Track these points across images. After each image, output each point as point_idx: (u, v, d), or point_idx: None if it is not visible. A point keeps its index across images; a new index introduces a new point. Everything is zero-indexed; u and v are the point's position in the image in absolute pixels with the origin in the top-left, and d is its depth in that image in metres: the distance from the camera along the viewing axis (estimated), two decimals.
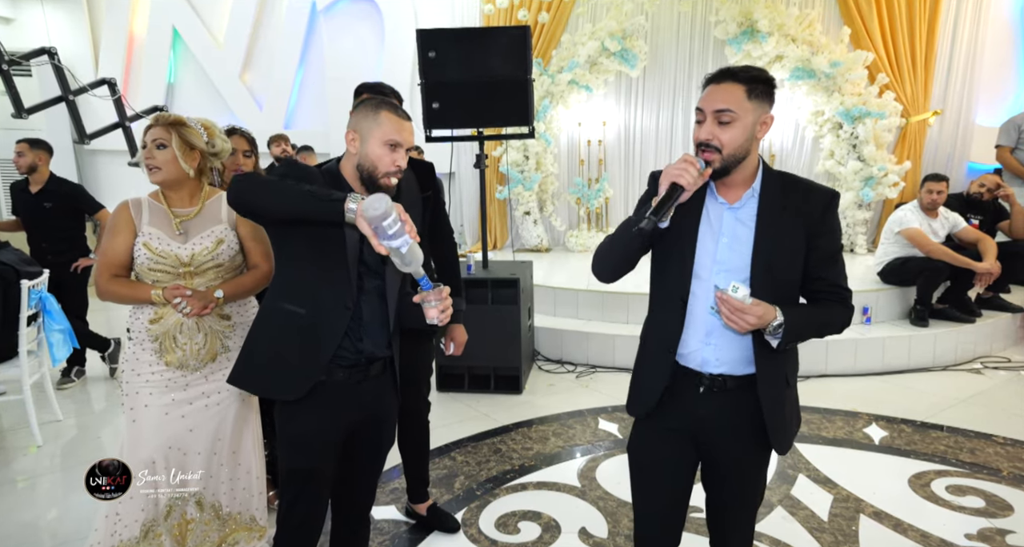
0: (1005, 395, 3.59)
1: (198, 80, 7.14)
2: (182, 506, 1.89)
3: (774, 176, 1.39)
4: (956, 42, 5.57)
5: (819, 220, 1.35)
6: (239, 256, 1.95)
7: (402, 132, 1.51)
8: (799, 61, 5.45)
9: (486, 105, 3.60)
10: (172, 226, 1.85)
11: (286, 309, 1.50)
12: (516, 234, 6.28)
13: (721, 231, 1.37)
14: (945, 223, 4.26)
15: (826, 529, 2.32)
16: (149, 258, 1.82)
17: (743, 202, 1.37)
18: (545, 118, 5.92)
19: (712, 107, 1.30)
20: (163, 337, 1.84)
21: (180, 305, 1.79)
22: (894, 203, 5.42)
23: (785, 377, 1.41)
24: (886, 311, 4.27)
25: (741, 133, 1.30)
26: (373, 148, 1.48)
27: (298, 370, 1.50)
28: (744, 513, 1.50)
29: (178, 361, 1.84)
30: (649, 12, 5.80)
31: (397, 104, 1.55)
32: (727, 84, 1.31)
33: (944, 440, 3.03)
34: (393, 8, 6.63)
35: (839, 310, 1.38)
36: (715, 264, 1.37)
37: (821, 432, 3.14)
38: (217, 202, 1.95)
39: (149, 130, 1.84)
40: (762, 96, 1.32)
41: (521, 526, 2.39)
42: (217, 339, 1.90)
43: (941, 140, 5.75)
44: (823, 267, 1.37)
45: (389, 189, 1.50)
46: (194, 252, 1.85)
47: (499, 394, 3.72)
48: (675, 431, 1.45)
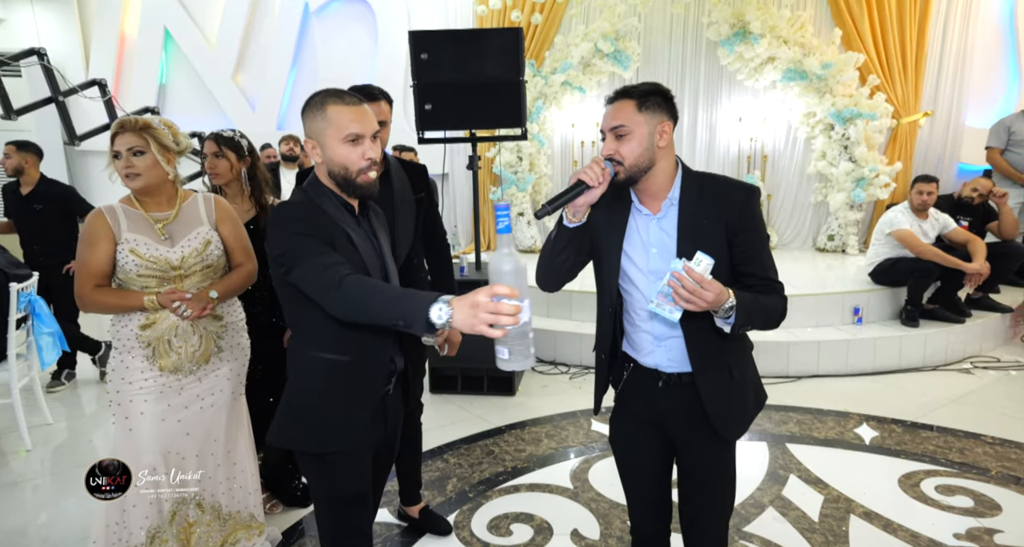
0: (994, 395, 3.62)
1: (190, 81, 7.11)
2: (184, 509, 1.90)
3: (693, 180, 1.45)
4: (946, 44, 5.62)
5: (738, 216, 1.40)
6: (224, 256, 1.96)
7: (360, 120, 1.36)
8: (791, 62, 5.48)
9: (479, 106, 3.60)
10: (155, 231, 1.83)
11: (327, 359, 1.40)
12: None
13: (649, 242, 1.44)
14: (935, 224, 4.29)
15: (817, 529, 2.34)
16: (138, 264, 1.79)
17: (664, 212, 1.44)
18: (539, 119, 5.93)
19: (608, 125, 1.40)
20: (157, 342, 1.82)
21: (180, 309, 1.78)
22: (885, 204, 5.45)
23: (727, 370, 1.46)
24: (877, 312, 4.29)
25: (638, 144, 1.37)
26: (335, 150, 1.37)
27: (353, 414, 1.43)
28: (711, 513, 1.55)
29: (173, 365, 1.84)
30: (642, 14, 5.82)
31: (343, 91, 1.41)
32: (620, 102, 1.40)
33: (934, 440, 3.05)
34: (386, 9, 6.62)
35: (775, 298, 1.42)
36: (650, 273, 1.43)
37: (812, 432, 3.15)
38: (193, 204, 1.93)
39: (119, 137, 1.78)
40: (654, 107, 1.39)
41: (513, 528, 2.39)
42: (211, 340, 1.91)
43: (932, 141, 5.80)
44: (750, 262, 1.42)
45: (371, 185, 1.40)
46: (184, 255, 1.85)
47: (492, 395, 3.72)
48: (645, 422, 1.55)
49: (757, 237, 1.43)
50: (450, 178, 6.52)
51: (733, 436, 1.50)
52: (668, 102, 1.41)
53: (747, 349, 1.53)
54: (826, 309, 4.24)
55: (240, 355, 2.04)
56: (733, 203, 1.41)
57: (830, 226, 5.86)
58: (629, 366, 1.54)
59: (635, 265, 1.45)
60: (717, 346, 1.42)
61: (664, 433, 1.54)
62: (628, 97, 1.39)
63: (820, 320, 4.21)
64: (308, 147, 1.41)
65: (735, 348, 1.48)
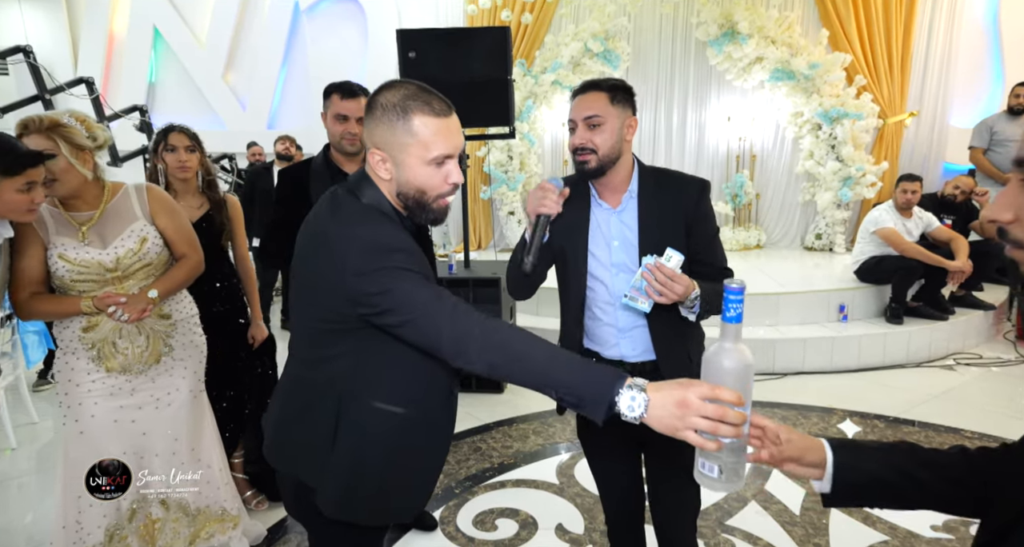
0: (976, 391, 3.67)
1: (180, 80, 7.09)
2: (146, 508, 1.87)
3: (648, 174, 1.51)
4: (931, 45, 5.68)
5: (694, 209, 1.47)
6: (165, 251, 1.86)
7: (450, 136, 1.12)
8: (779, 63, 5.53)
9: (467, 105, 3.57)
10: (79, 234, 1.71)
11: (397, 413, 1.16)
12: (500, 234, 6.30)
13: (611, 235, 1.49)
14: (919, 223, 4.34)
15: (798, 523, 2.37)
16: (70, 270, 1.70)
17: (624, 205, 1.49)
18: (529, 118, 5.94)
19: (582, 115, 1.43)
20: (101, 344, 1.76)
21: (116, 313, 1.68)
22: (872, 203, 5.50)
23: (687, 355, 1.51)
24: (862, 309, 4.34)
25: (611, 135, 1.42)
26: (415, 170, 1.12)
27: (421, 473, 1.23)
28: (681, 498, 1.57)
29: (120, 366, 1.77)
30: (631, 14, 5.85)
31: (429, 92, 1.13)
32: (592, 93, 1.43)
33: (915, 435, 3.09)
34: (376, 8, 6.63)
35: None
36: (612, 266, 1.48)
37: (797, 428, 3.18)
38: (124, 198, 1.81)
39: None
40: (623, 102, 1.44)
41: (499, 523, 2.41)
42: (159, 340, 1.84)
43: (917, 141, 5.86)
44: (704, 251, 1.48)
45: (445, 211, 1.19)
46: (118, 256, 1.74)
47: (481, 393, 3.73)
48: None
49: (710, 228, 1.50)
50: None
51: None
52: (632, 98, 1.47)
53: (702, 336, 1.59)
54: (812, 307, 4.28)
55: (195, 352, 1.96)
56: (689, 196, 1.47)
57: (818, 225, 5.91)
58: (593, 361, 1.56)
59: (598, 259, 1.49)
60: (678, 333, 1.49)
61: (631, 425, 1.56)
62: (599, 89, 1.43)
63: (806, 318, 4.26)
64: (373, 159, 1.13)
65: (693, 334, 1.54)
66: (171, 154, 2.18)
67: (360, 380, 1.15)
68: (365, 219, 1.11)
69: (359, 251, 1.05)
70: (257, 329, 2.42)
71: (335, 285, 1.08)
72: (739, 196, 6.11)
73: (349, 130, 2.04)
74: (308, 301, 1.17)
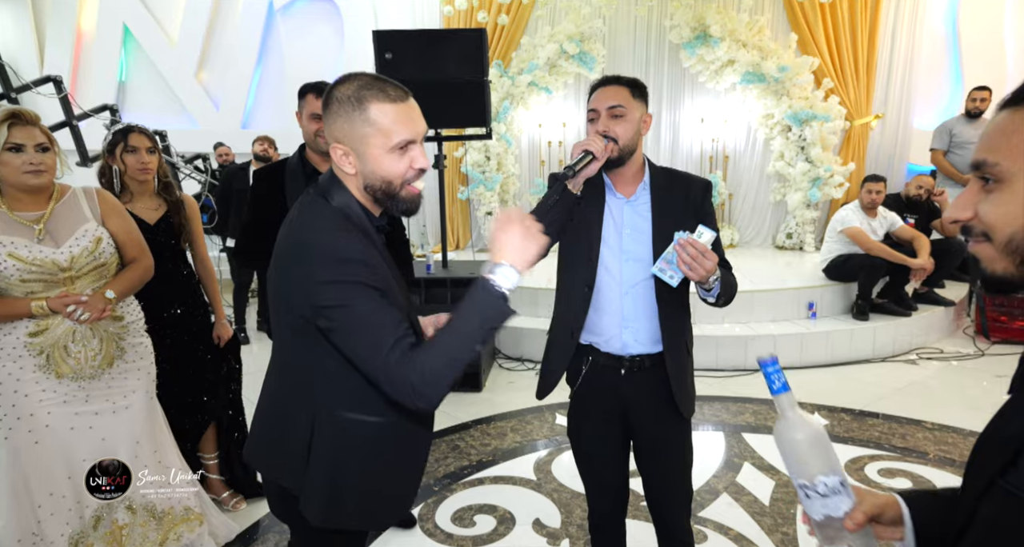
0: (937, 384, 3.81)
1: (151, 79, 6.97)
2: (111, 514, 1.85)
3: (658, 170, 1.60)
4: (895, 50, 5.86)
5: (701, 205, 1.57)
6: (116, 254, 1.86)
7: (410, 122, 1.10)
8: (750, 65, 5.65)
9: (444, 106, 3.64)
10: (33, 232, 1.68)
11: (372, 422, 1.15)
12: (478, 234, 6.33)
13: (623, 223, 1.54)
14: (884, 222, 4.48)
15: (767, 513, 2.45)
16: (20, 269, 1.65)
17: (637, 196, 1.55)
18: (506, 119, 5.98)
19: (605, 105, 1.50)
20: (51, 349, 1.71)
21: (76, 313, 1.66)
22: (840, 203, 5.67)
23: (685, 345, 1.58)
24: (830, 306, 4.47)
25: (631, 127, 1.50)
26: (378, 160, 1.10)
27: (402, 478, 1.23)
28: (677, 486, 1.62)
29: (72, 371, 1.73)
30: (606, 16, 5.92)
31: (383, 80, 1.11)
32: (615, 86, 1.51)
33: (879, 427, 3.21)
34: (352, 8, 6.60)
35: (732, 276, 1.56)
36: (622, 253, 1.53)
37: (768, 422, 3.28)
38: (72, 200, 1.79)
39: (20, 129, 1.63)
40: (641, 98, 1.53)
41: (476, 519, 2.44)
42: (113, 342, 1.81)
43: (883, 143, 6.04)
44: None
45: (416, 199, 1.16)
46: (73, 255, 1.72)
47: (459, 392, 3.76)
48: (605, 414, 1.60)
49: (713, 225, 1.55)
50: None
51: (689, 413, 1.59)
52: (647, 97, 1.56)
53: (691, 329, 1.64)
54: (783, 304, 4.39)
55: (145, 353, 1.95)
56: (696, 192, 1.57)
57: (788, 224, 6.05)
58: (588, 360, 1.59)
59: (609, 247, 1.54)
60: (681, 324, 1.56)
61: (623, 421, 1.61)
62: (620, 83, 1.51)
63: (777, 315, 4.37)
64: (336, 155, 1.11)
65: (689, 327, 1.60)
66: (132, 155, 2.14)
67: (332, 389, 1.14)
68: (329, 226, 1.09)
69: (319, 260, 1.04)
70: (222, 328, 2.42)
71: (300, 293, 1.08)
72: (713, 196, 6.22)
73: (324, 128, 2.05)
74: (280, 309, 1.17)
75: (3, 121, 1.62)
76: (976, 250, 0.67)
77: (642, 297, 1.52)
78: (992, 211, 0.65)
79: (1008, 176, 0.63)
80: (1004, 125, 0.64)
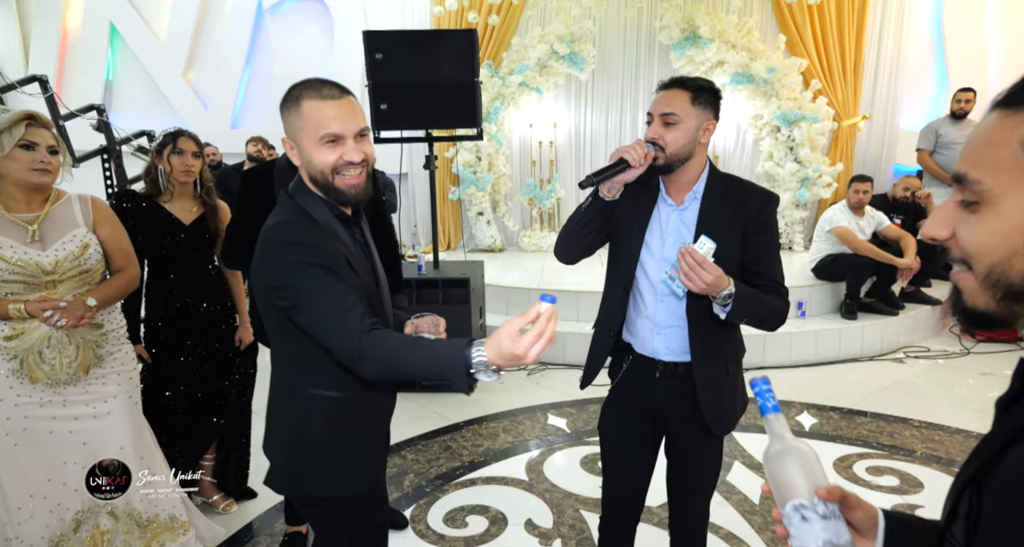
0: (924, 382, 3.86)
1: (139, 78, 6.91)
2: (93, 518, 1.83)
3: (719, 179, 1.52)
4: (881, 51, 5.93)
5: (754, 219, 1.48)
6: (103, 262, 1.86)
7: (339, 118, 1.19)
8: (739, 66, 5.69)
9: (434, 107, 3.64)
10: (25, 232, 1.70)
11: (333, 397, 1.26)
12: (470, 235, 6.33)
13: (668, 231, 1.51)
14: (871, 221, 4.53)
15: (757, 511, 2.47)
16: (3, 269, 1.65)
17: (687, 204, 1.50)
18: (497, 120, 5.98)
19: (659, 111, 1.45)
20: (26, 354, 1.69)
21: (53, 318, 1.65)
22: (828, 203, 5.72)
23: (724, 364, 1.52)
24: (819, 306, 4.51)
25: (683, 135, 1.44)
26: (311, 152, 1.21)
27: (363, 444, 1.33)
28: (698, 492, 1.63)
29: (46, 376, 1.72)
30: (596, 17, 5.94)
31: (322, 82, 1.23)
32: (675, 90, 1.45)
33: (867, 425, 3.24)
34: (342, 8, 6.58)
35: (777, 298, 1.48)
36: (663, 261, 1.50)
37: (757, 421, 3.30)
38: (67, 205, 1.81)
39: (35, 130, 1.67)
40: (706, 104, 1.45)
41: (469, 520, 2.44)
42: (90, 350, 1.80)
43: (870, 143, 6.10)
44: (758, 262, 1.48)
45: (354, 189, 1.23)
46: (58, 259, 1.72)
47: (451, 393, 3.75)
48: (637, 410, 1.59)
49: (769, 240, 1.50)
50: (409, 178, 6.52)
51: (722, 431, 1.55)
52: (717, 101, 1.47)
53: (742, 349, 1.60)
54: None
55: (126, 360, 1.94)
56: (752, 205, 1.48)
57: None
58: (628, 358, 1.59)
59: (650, 251, 1.52)
60: (716, 337, 1.49)
61: (656, 423, 1.59)
62: (683, 87, 1.44)
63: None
64: (287, 148, 1.26)
65: (732, 345, 1.54)
66: (178, 157, 2.25)
67: (301, 370, 1.26)
68: (284, 219, 1.22)
69: (266, 246, 1.19)
70: (244, 331, 2.46)
71: (258, 282, 1.22)
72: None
73: None
74: (259, 303, 1.29)
75: (21, 120, 1.65)
76: (957, 279, 0.59)
77: (677, 306, 1.49)
78: (971, 237, 0.56)
79: (991, 197, 0.54)
80: (991, 134, 0.55)
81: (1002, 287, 0.54)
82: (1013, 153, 0.53)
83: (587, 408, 3.43)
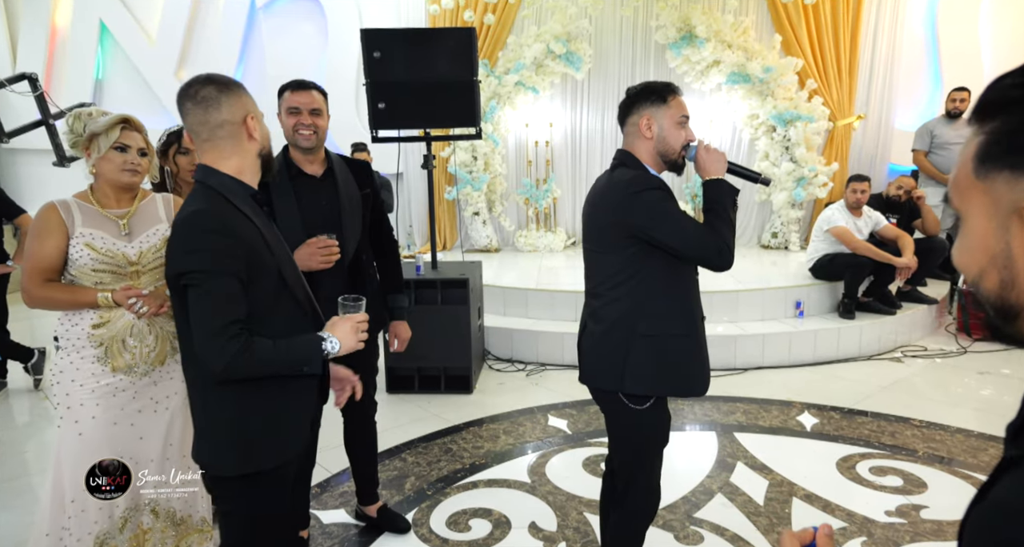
0: (922, 381, 3.86)
1: (129, 77, 6.82)
2: (138, 516, 1.85)
3: None
4: (876, 51, 5.95)
5: None
6: None
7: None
8: (735, 66, 5.69)
9: (433, 106, 3.60)
10: (118, 226, 1.82)
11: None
12: (465, 235, 6.29)
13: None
14: (868, 221, 4.54)
15: (762, 513, 2.45)
16: (94, 259, 1.76)
17: None
18: (493, 119, 5.95)
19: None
20: (110, 342, 1.78)
21: (136, 305, 1.75)
22: (824, 202, 5.72)
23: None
24: (817, 305, 4.51)
25: None
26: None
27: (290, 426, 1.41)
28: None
29: (126, 365, 1.80)
30: (592, 16, 5.92)
31: None
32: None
33: (868, 425, 3.24)
34: (336, 7, 6.52)
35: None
36: None
37: (758, 421, 3.30)
38: (152, 203, 1.92)
39: (129, 133, 1.79)
40: None
41: (472, 524, 2.41)
42: (168, 341, 1.87)
43: (865, 143, 6.12)
44: None
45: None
46: (142, 250, 1.83)
47: (450, 394, 3.72)
48: None
49: None
50: (405, 177, 6.47)
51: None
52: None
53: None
54: (770, 303, 4.43)
55: None
56: None
57: (773, 224, 6.11)
58: None
59: None
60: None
61: None
62: None
63: (765, 314, 4.40)
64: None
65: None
66: (185, 156, 2.23)
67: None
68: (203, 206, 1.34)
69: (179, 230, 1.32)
70: None
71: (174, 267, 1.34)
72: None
73: (302, 121, 2.02)
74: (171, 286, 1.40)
75: (116, 124, 1.78)
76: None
77: None
78: (954, 256, 0.57)
79: (962, 216, 0.55)
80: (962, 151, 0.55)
81: (987, 304, 0.55)
82: (968, 171, 0.53)
83: (587, 409, 3.41)
